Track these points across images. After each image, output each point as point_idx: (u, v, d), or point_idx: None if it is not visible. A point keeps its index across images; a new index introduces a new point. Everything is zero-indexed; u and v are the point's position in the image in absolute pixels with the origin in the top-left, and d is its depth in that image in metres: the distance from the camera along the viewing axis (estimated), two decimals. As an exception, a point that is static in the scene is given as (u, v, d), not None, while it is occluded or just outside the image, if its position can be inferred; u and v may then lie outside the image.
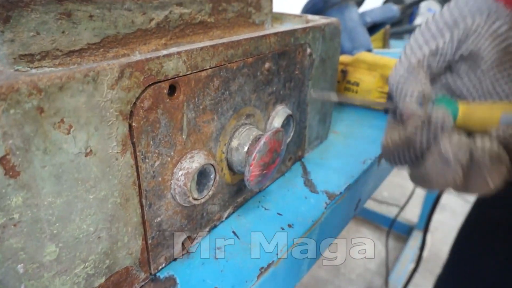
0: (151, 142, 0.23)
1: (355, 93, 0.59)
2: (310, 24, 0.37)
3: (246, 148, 0.30)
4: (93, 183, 0.20)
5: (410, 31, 1.02)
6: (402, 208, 1.39)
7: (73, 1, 0.23)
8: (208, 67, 0.26)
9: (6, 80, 0.16)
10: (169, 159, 0.25)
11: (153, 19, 0.28)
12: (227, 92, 0.29)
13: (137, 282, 0.26)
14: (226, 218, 0.34)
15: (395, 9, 0.76)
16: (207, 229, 0.31)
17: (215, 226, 0.32)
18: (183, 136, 0.26)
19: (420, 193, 1.71)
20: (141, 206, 0.24)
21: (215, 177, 0.28)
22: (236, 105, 0.30)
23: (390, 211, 1.80)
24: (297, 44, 0.35)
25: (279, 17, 0.47)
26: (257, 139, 0.30)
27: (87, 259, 0.21)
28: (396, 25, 1.05)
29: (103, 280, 0.23)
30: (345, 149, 0.48)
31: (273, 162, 0.31)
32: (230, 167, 0.31)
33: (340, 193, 0.38)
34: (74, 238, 0.20)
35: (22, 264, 0.18)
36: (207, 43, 0.26)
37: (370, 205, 1.83)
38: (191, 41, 0.31)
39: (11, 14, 0.19)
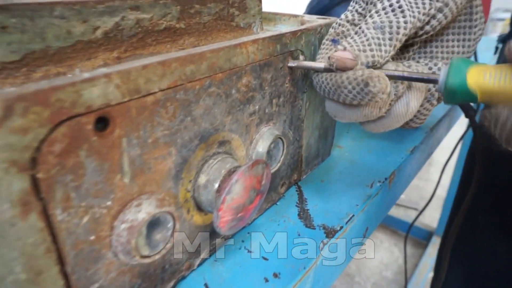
0: (73, 194, 0.17)
1: None
2: (302, 27, 0.31)
3: (216, 186, 0.24)
4: (-25, 262, 0.15)
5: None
6: (421, 212, 1.31)
7: (-26, 8, 0.18)
8: (156, 90, 0.20)
9: None
10: (105, 211, 0.19)
11: (98, 27, 0.22)
12: (189, 118, 0.23)
13: None
14: (199, 265, 0.28)
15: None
16: (172, 283, 0.25)
17: (183, 278, 0.27)
18: (125, 180, 0.20)
19: (440, 196, 1.62)
20: (65, 275, 0.18)
21: (174, 226, 0.22)
22: (203, 132, 0.24)
23: (408, 215, 1.71)
24: (285, 52, 0.29)
25: (272, 18, 0.40)
26: (231, 173, 0.24)
27: None
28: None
29: None
30: (350, 168, 0.41)
31: (251, 202, 0.25)
32: (199, 208, 0.26)
33: (341, 227, 0.32)
34: None
35: None
36: (154, 59, 0.20)
37: (386, 209, 1.74)
38: (155, 52, 0.26)
39: None
